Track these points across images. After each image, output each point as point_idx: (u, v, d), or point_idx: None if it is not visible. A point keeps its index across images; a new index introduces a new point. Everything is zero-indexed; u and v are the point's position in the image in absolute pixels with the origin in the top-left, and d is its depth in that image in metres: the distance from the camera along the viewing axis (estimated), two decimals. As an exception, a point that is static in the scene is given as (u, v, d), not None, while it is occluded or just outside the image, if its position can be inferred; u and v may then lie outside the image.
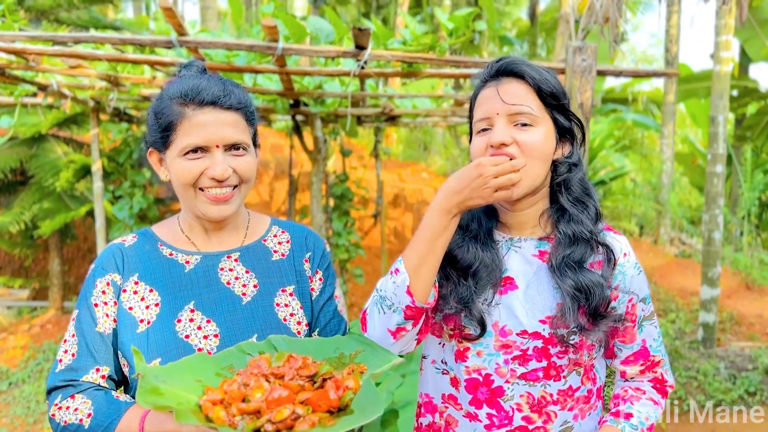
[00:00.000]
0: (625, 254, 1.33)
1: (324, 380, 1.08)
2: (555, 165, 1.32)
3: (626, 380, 1.42)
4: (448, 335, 1.36)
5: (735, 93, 9.05)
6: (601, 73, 3.32)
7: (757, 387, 4.98)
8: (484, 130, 1.29)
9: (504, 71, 1.29)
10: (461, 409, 1.34)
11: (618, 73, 3.50)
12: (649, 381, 1.40)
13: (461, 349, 1.34)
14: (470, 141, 1.37)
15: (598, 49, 3.46)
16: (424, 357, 1.45)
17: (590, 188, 1.35)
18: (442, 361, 1.39)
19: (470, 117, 1.37)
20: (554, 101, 1.28)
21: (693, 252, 8.77)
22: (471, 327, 1.30)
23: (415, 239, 1.25)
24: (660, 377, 1.40)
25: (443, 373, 1.38)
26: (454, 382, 1.35)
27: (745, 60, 9.22)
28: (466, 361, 1.33)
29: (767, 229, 9.55)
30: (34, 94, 4.72)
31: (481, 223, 1.37)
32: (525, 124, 1.25)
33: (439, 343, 1.39)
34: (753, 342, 5.91)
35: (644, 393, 1.38)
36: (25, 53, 3.27)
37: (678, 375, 5.15)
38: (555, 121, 1.29)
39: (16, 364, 5.64)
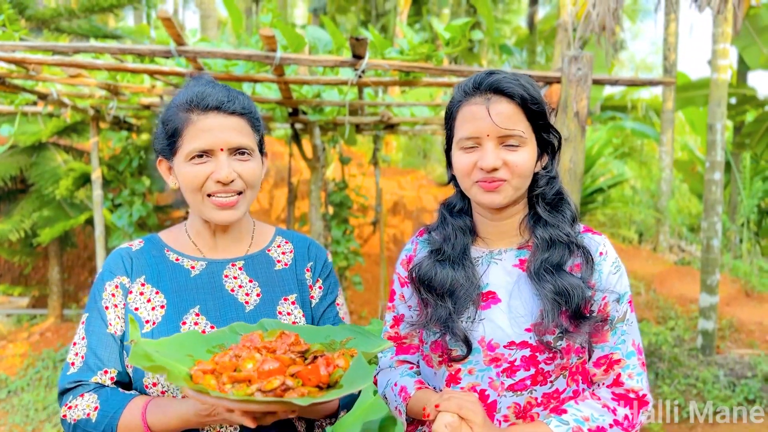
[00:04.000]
0: (601, 253, 1.32)
1: (315, 357, 1.10)
2: (535, 176, 1.34)
3: (596, 383, 1.35)
4: (438, 362, 1.37)
5: (733, 101, 9.05)
6: (598, 82, 3.34)
7: (757, 394, 4.97)
8: (470, 147, 1.28)
9: (492, 89, 1.27)
10: None
11: (614, 82, 3.52)
12: (607, 385, 1.32)
13: (453, 373, 1.33)
14: (446, 150, 1.38)
15: (596, 57, 3.48)
16: None
17: (566, 195, 1.37)
18: (435, 389, 1.39)
19: (447, 125, 1.36)
20: (541, 120, 1.29)
21: (692, 259, 8.78)
22: (457, 347, 1.31)
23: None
24: (617, 378, 1.30)
25: None
26: None
27: (743, 68, 9.23)
28: (459, 382, 1.32)
29: (766, 237, 9.55)
30: (35, 103, 4.75)
31: (455, 243, 1.37)
32: (513, 145, 1.26)
33: (433, 373, 1.40)
34: (752, 349, 5.91)
35: (599, 399, 1.31)
36: (26, 62, 3.30)
37: (677, 382, 5.14)
38: (538, 137, 1.31)
39: (15, 372, 5.63)
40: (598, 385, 1.34)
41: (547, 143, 1.33)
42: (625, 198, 10.35)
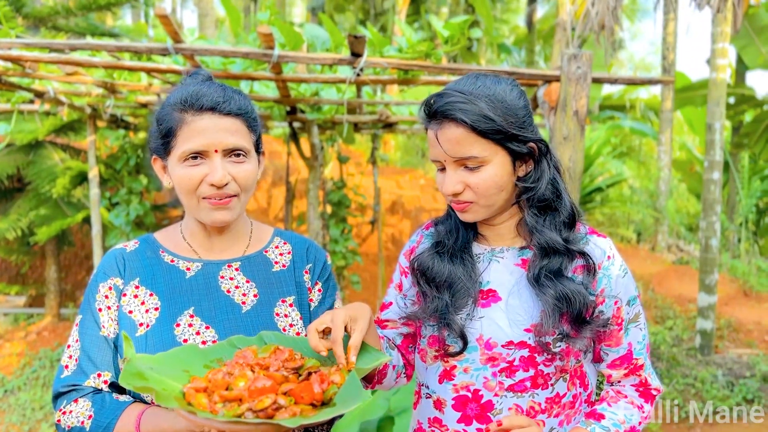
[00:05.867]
0: (609, 257, 1.31)
1: (309, 374, 1.09)
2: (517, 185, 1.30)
3: (612, 384, 1.40)
4: (433, 357, 1.36)
5: (732, 100, 9.06)
6: (597, 81, 3.33)
7: (755, 394, 4.97)
8: (439, 169, 1.29)
9: (440, 114, 1.23)
10: (447, 430, 1.33)
11: (613, 81, 3.51)
12: (632, 385, 1.38)
13: (448, 369, 1.33)
14: None
15: (595, 56, 3.47)
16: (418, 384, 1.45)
17: (561, 190, 1.32)
18: (425, 386, 1.39)
19: None
20: (500, 135, 1.22)
21: (690, 259, 8.78)
22: (453, 343, 1.30)
23: None
24: (643, 381, 1.37)
25: (426, 397, 1.38)
26: (438, 404, 1.35)
27: (741, 67, 9.24)
28: (453, 379, 1.32)
29: (765, 236, 9.56)
30: (31, 101, 4.73)
31: (457, 237, 1.36)
32: (473, 167, 1.23)
33: (424, 368, 1.40)
34: (751, 349, 5.91)
35: (625, 397, 1.37)
36: (22, 60, 3.28)
37: (676, 382, 5.14)
38: (508, 149, 1.24)
39: (11, 371, 5.62)
40: (621, 383, 1.38)
41: (524, 151, 1.26)
42: (624, 197, 10.36)
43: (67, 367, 1.27)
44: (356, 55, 3.12)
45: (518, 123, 1.24)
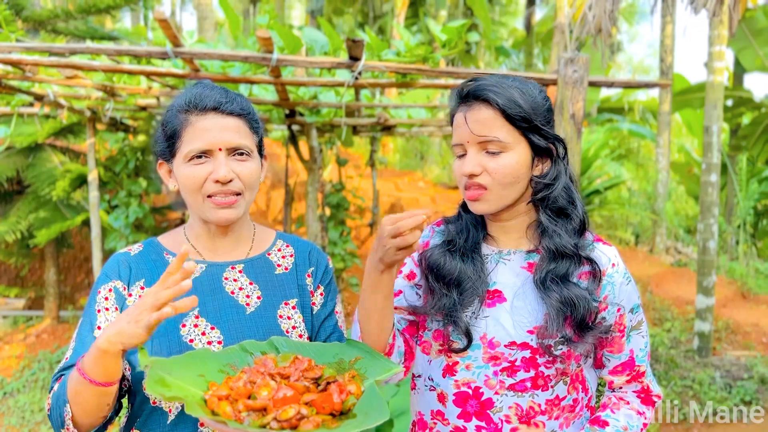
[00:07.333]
0: (613, 264, 1.33)
1: (328, 383, 1.11)
2: (534, 181, 1.32)
3: (613, 390, 1.42)
4: (437, 351, 1.38)
5: (730, 103, 9.09)
6: (594, 84, 3.34)
7: (753, 396, 4.98)
8: (461, 155, 1.31)
9: (472, 95, 1.28)
10: (448, 424, 1.35)
11: (610, 84, 3.53)
12: (634, 391, 1.40)
13: (450, 364, 1.35)
14: None
15: (593, 59, 3.49)
16: (416, 376, 1.46)
17: (575, 197, 1.34)
18: (429, 378, 1.40)
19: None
20: (525, 124, 1.26)
21: (689, 261, 8.79)
22: (458, 339, 1.32)
23: (361, 293, 1.31)
24: (645, 387, 1.40)
25: (430, 390, 1.40)
26: (441, 397, 1.37)
27: (739, 70, 9.27)
28: (455, 375, 1.34)
29: (762, 238, 9.57)
30: (31, 104, 4.74)
31: (468, 237, 1.38)
32: (494, 152, 1.26)
33: (427, 361, 1.41)
34: (748, 351, 5.92)
35: (627, 403, 1.39)
36: (22, 64, 3.29)
37: (674, 384, 5.15)
38: (530, 141, 1.28)
39: (11, 373, 5.62)
40: (623, 389, 1.41)
41: (544, 148, 1.30)
42: (622, 200, 10.36)
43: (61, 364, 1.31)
44: (354, 58, 3.14)
45: (543, 118, 1.29)
